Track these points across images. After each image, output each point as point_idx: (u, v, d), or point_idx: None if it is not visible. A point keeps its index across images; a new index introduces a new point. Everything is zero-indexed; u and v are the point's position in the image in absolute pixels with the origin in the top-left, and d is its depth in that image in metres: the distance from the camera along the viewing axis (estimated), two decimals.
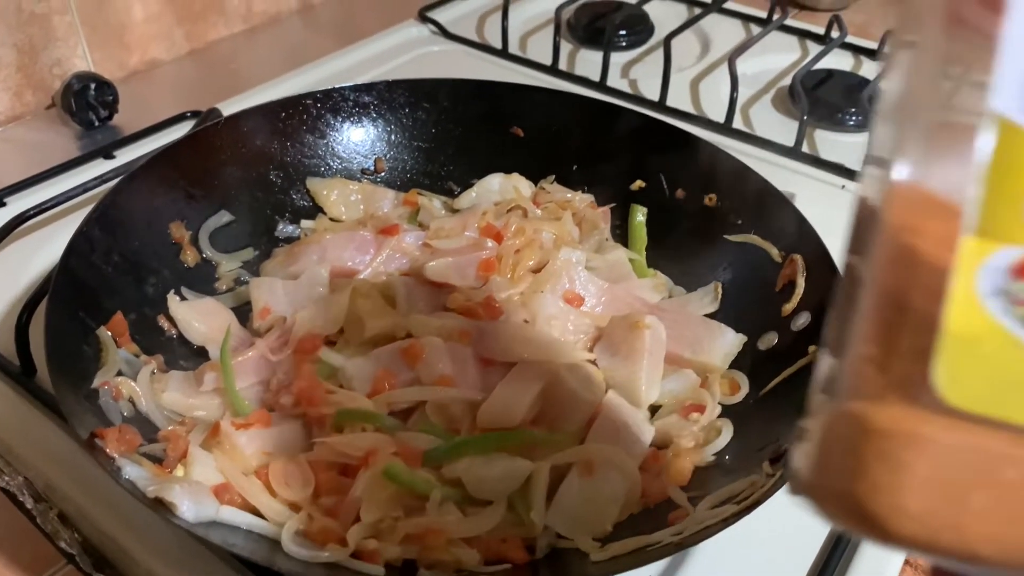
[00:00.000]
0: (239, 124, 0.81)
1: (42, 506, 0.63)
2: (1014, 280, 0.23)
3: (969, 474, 0.23)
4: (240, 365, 0.67)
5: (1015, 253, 0.23)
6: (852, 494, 0.23)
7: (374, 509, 0.58)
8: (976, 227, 0.23)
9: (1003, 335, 0.23)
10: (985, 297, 0.23)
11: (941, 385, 0.23)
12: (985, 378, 0.23)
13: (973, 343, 0.23)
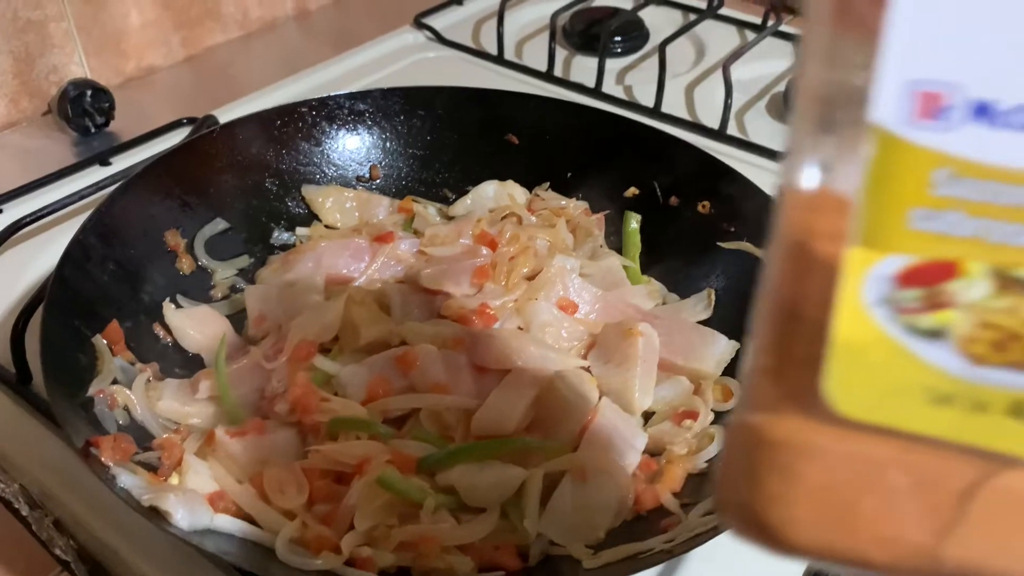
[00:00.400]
0: (234, 132, 0.82)
1: (37, 513, 0.63)
2: (899, 289, 0.23)
3: (860, 482, 0.23)
4: (235, 373, 0.67)
5: (899, 262, 0.23)
6: (749, 506, 0.24)
7: (368, 517, 0.58)
8: (861, 237, 0.23)
9: (889, 343, 0.23)
10: (871, 306, 0.23)
11: (831, 395, 0.23)
12: (873, 386, 0.23)
13: (860, 352, 0.23)
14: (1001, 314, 0.23)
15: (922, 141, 0.23)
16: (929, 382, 0.23)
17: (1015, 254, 0.23)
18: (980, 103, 0.23)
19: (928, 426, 0.23)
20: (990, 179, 0.23)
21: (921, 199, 0.23)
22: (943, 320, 0.23)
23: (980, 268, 0.23)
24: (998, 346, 0.23)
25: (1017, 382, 0.22)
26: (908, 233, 0.23)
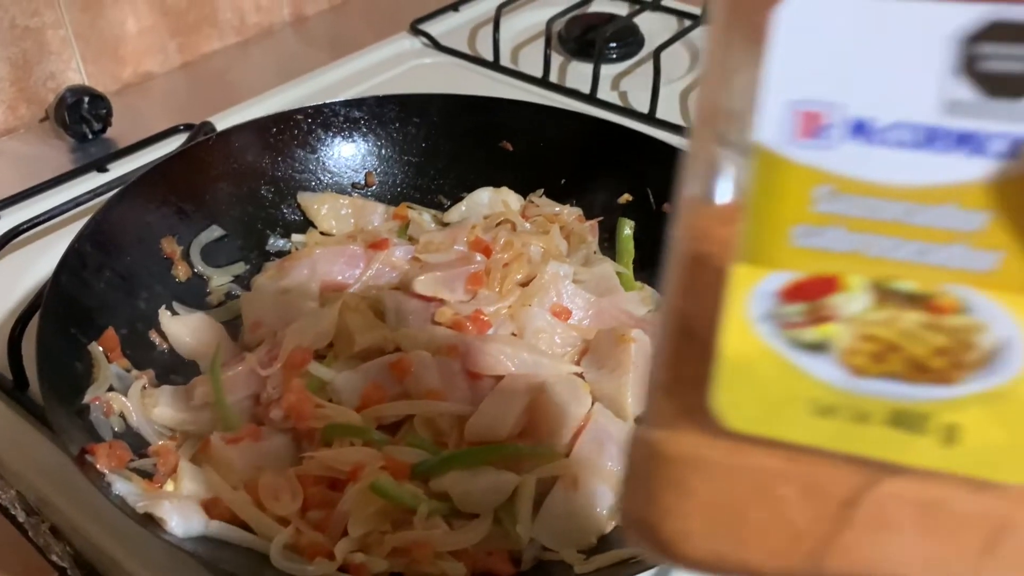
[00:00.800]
0: (230, 140, 0.82)
1: (34, 519, 0.64)
2: (783, 304, 0.24)
3: (749, 493, 0.24)
4: (230, 379, 0.68)
5: (783, 278, 0.24)
6: (646, 520, 0.25)
7: (361, 523, 0.59)
8: (746, 254, 0.24)
9: (774, 357, 0.24)
10: (756, 322, 0.24)
11: (719, 409, 0.24)
12: (759, 400, 0.24)
13: (747, 367, 0.24)
14: (880, 326, 0.24)
15: (803, 159, 0.24)
16: (813, 394, 0.24)
17: (892, 267, 0.24)
18: (858, 121, 0.24)
19: (813, 437, 0.23)
20: (868, 195, 0.24)
21: (803, 216, 0.24)
22: (825, 334, 0.24)
23: (860, 282, 0.24)
24: (877, 357, 0.23)
25: (896, 392, 0.23)
26: (791, 250, 0.24)
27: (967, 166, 0.23)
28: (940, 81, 0.24)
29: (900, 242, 0.24)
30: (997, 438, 0.23)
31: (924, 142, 0.24)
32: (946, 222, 0.23)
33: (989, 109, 0.23)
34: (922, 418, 0.23)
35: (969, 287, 0.23)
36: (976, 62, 0.24)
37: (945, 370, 0.23)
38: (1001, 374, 0.23)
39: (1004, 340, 0.23)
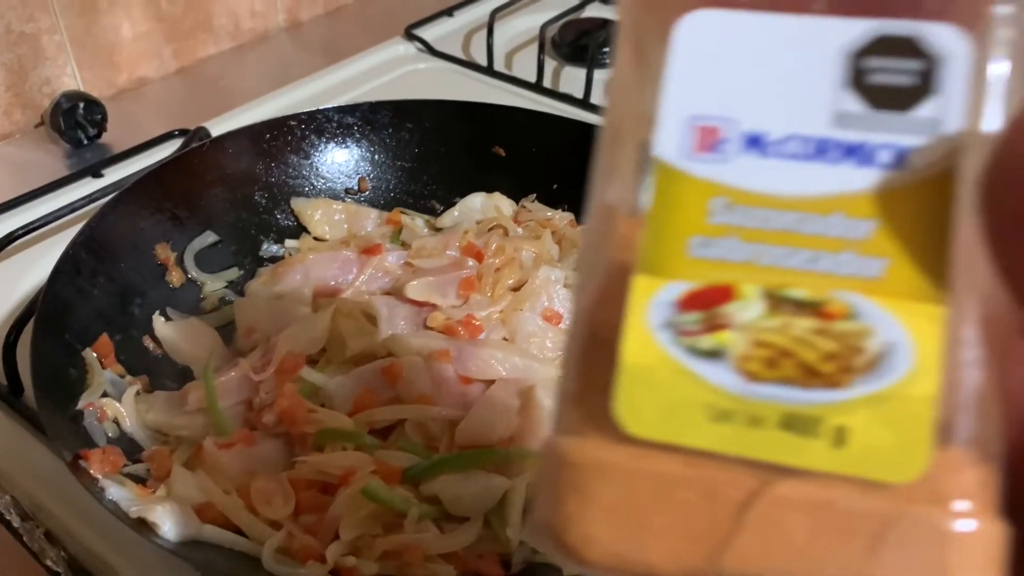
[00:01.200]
0: (224, 146, 0.83)
1: (29, 524, 0.64)
2: (680, 313, 0.25)
3: (649, 498, 0.24)
4: (223, 385, 0.68)
5: (680, 287, 0.25)
6: (552, 526, 0.25)
7: (353, 527, 0.59)
8: (645, 265, 0.25)
9: (672, 364, 0.24)
10: (655, 330, 0.25)
11: (621, 415, 0.25)
12: (658, 406, 0.24)
13: (646, 374, 0.25)
14: (772, 332, 0.24)
15: (700, 173, 0.25)
16: (709, 400, 0.24)
17: (784, 275, 0.24)
18: (752, 135, 0.25)
19: (710, 442, 0.24)
20: (761, 206, 0.25)
21: (699, 227, 0.25)
22: (720, 341, 0.24)
23: (753, 290, 0.24)
24: (770, 363, 0.24)
25: (788, 396, 0.24)
26: (688, 260, 0.25)
27: (855, 176, 0.24)
28: (830, 94, 0.25)
29: (791, 251, 0.24)
30: (883, 439, 0.23)
31: (815, 154, 0.25)
32: (835, 231, 0.24)
33: (876, 121, 0.24)
34: (813, 421, 0.24)
35: (857, 293, 0.24)
36: (863, 75, 0.24)
37: (835, 374, 0.24)
38: (887, 377, 0.24)
39: (890, 344, 0.24)
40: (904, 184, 0.24)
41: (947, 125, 0.24)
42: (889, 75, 0.24)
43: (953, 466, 0.23)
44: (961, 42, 0.24)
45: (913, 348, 0.24)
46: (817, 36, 0.25)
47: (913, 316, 0.24)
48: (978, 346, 0.24)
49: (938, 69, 0.24)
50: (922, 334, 0.24)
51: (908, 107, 0.24)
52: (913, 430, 0.23)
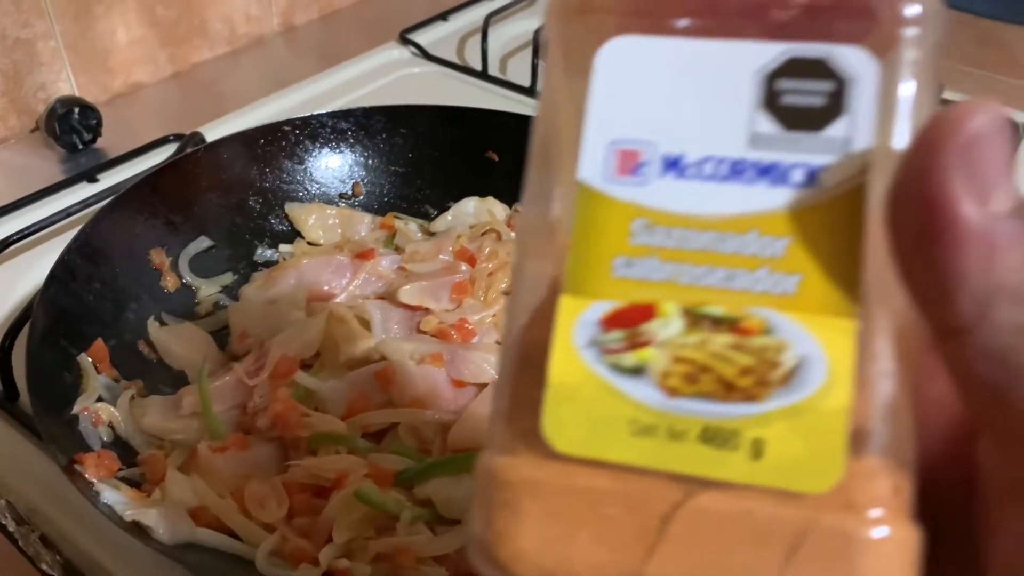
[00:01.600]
0: (219, 151, 0.83)
1: (24, 529, 0.65)
2: (604, 332, 0.25)
3: (576, 513, 0.25)
4: (217, 389, 0.69)
5: (604, 307, 0.26)
6: (484, 542, 0.26)
7: (346, 529, 0.60)
8: (571, 286, 0.26)
9: (597, 382, 0.25)
10: (580, 349, 0.25)
11: (548, 433, 0.25)
12: (584, 423, 0.25)
13: (572, 392, 0.25)
14: (692, 349, 0.25)
15: (621, 195, 0.26)
16: (633, 415, 0.25)
17: (702, 293, 0.25)
18: (670, 158, 0.26)
19: (634, 456, 0.25)
20: (679, 226, 0.26)
21: (622, 248, 0.26)
22: (642, 358, 0.25)
23: (673, 308, 0.25)
24: (690, 378, 0.25)
25: (707, 410, 0.25)
26: (611, 280, 0.26)
27: (770, 196, 0.25)
28: (746, 116, 0.26)
29: (709, 269, 0.25)
30: (798, 450, 0.24)
31: (731, 175, 0.25)
32: (751, 249, 0.25)
33: (789, 141, 0.25)
34: (732, 434, 0.24)
35: (773, 309, 0.25)
36: (776, 97, 0.25)
37: (752, 388, 0.25)
38: (802, 390, 0.24)
39: (805, 358, 0.24)
40: (816, 202, 0.25)
41: (856, 144, 0.25)
42: (801, 96, 0.25)
43: (867, 475, 0.24)
44: (869, 64, 0.25)
45: (826, 361, 0.24)
46: (733, 60, 0.26)
47: (826, 330, 0.24)
48: (891, 358, 0.25)
49: (847, 90, 0.25)
50: (835, 348, 0.24)
51: (819, 127, 0.25)
52: (827, 441, 0.24)
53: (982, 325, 0.22)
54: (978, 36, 1.34)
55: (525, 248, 0.28)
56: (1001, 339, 0.22)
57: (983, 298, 0.22)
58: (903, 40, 0.25)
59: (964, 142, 0.22)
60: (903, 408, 0.25)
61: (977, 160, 0.22)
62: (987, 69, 1.25)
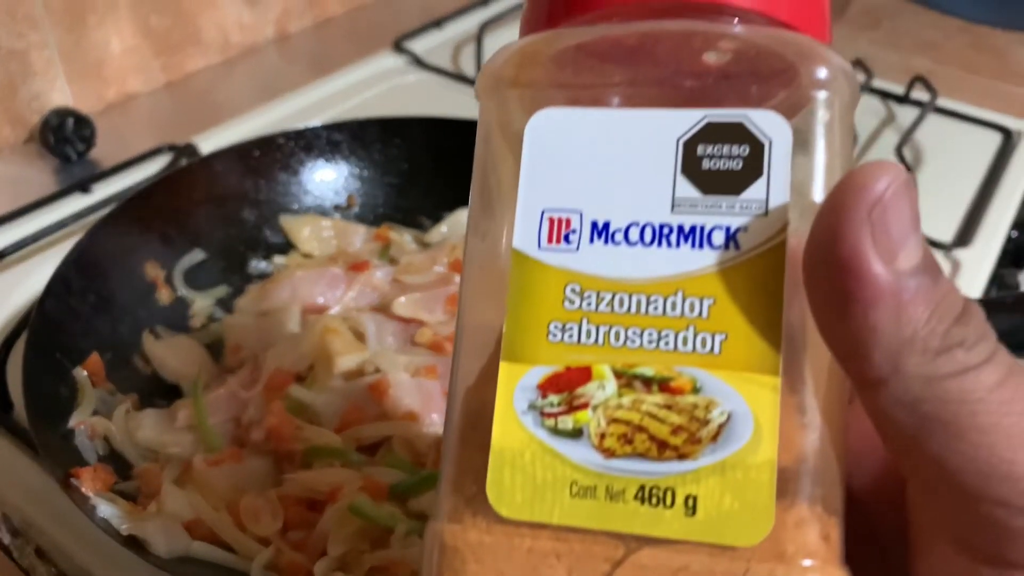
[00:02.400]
0: (213, 165, 0.84)
1: (19, 541, 0.65)
2: (542, 396, 0.27)
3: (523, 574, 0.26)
4: (212, 402, 0.69)
5: (542, 371, 0.27)
6: None
7: (340, 543, 0.60)
8: (509, 352, 0.27)
9: (538, 446, 0.26)
10: (521, 413, 0.27)
11: (493, 498, 0.26)
12: (527, 487, 0.26)
13: (515, 457, 0.26)
14: (625, 410, 0.26)
15: (553, 262, 0.27)
16: (573, 477, 0.26)
17: (634, 355, 0.26)
18: (598, 224, 0.27)
19: (575, 518, 0.26)
20: (609, 290, 0.27)
21: (556, 313, 0.27)
22: (580, 420, 0.26)
23: (607, 370, 0.26)
24: (625, 439, 0.26)
25: (642, 469, 0.26)
26: (548, 345, 0.27)
27: (694, 258, 0.26)
28: (668, 182, 0.27)
29: (638, 331, 0.26)
30: (729, 505, 0.25)
31: (656, 239, 0.27)
32: (677, 310, 0.26)
33: (709, 205, 0.26)
34: (667, 492, 0.25)
35: (700, 368, 0.26)
36: (696, 162, 0.27)
37: (684, 446, 0.26)
38: (731, 446, 0.25)
39: (733, 415, 0.25)
40: (737, 262, 0.26)
41: (772, 205, 0.26)
42: (719, 161, 0.26)
43: (796, 524, 0.25)
44: (782, 127, 0.26)
45: (752, 417, 0.25)
46: (654, 128, 0.27)
47: (750, 387, 0.25)
48: (815, 409, 0.26)
49: (762, 153, 0.26)
50: (760, 403, 0.25)
51: (737, 190, 0.26)
52: (755, 494, 0.25)
53: (895, 377, 0.24)
54: (972, 42, 1.35)
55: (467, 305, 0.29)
56: (913, 390, 0.24)
57: (895, 351, 0.24)
58: (814, 102, 0.26)
59: (870, 204, 0.23)
60: (829, 457, 0.26)
61: (883, 221, 0.23)
62: (981, 75, 1.26)
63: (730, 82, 0.27)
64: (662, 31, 0.28)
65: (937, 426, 0.24)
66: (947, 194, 0.97)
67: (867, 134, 1.07)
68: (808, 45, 0.27)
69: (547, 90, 0.29)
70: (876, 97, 1.13)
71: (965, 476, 0.24)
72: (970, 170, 1.01)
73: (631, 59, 0.28)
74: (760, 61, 0.27)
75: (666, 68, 0.28)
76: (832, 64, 0.27)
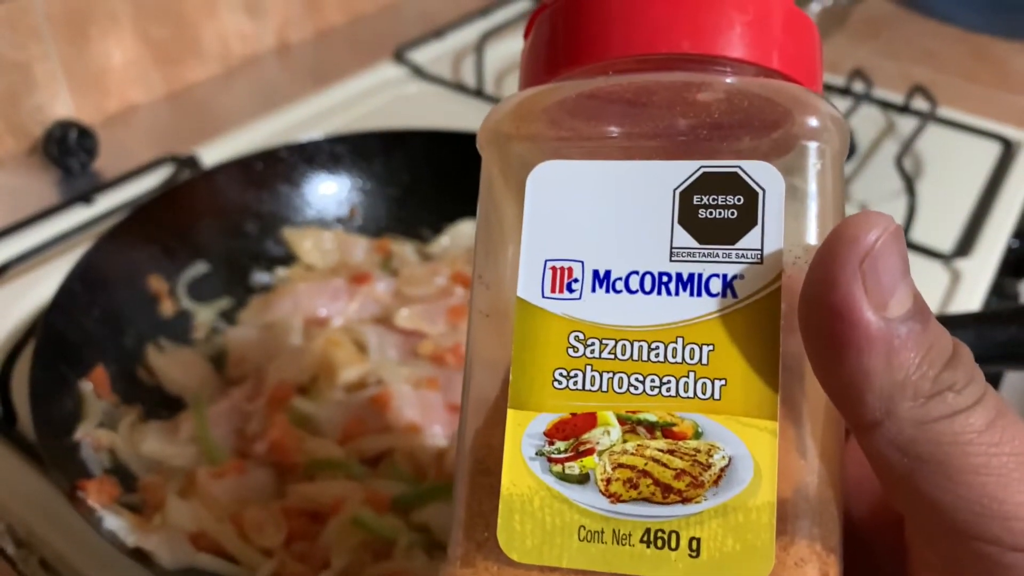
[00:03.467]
0: (215, 178, 0.84)
1: (23, 552, 0.65)
2: (548, 443, 0.27)
3: None
4: (215, 414, 0.69)
5: (548, 419, 0.28)
6: None
7: (343, 554, 0.61)
8: (516, 400, 0.28)
9: (547, 491, 0.27)
10: (529, 460, 0.27)
11: (503, 543, 0.27)
12: (536, 532, 0.27)
13: (523, 502, 0.27)
14: (630, 455, 0.27)
15: (557, 310, 0.28)
16: (581, 522, 0.27)
17: (637, 401, 0.27)
18: (599, 274, 0.28)
19: (584, 561, 0.27)
20: (612, 338, 0.28)
21: (561, 361, 0.28)
22: (587, 466, 0.27)
23: (611, 416, 0.27)
24: (630, 483, 0.27)
25: (647, 513, 0.27)
26: (553, 392, 0.28)
27: (692, 306, 0.27)
28: (666, 231, 0.28)
29: (640, 378, 0.27)
30: (731, 547, 0.26)
31: (655, 287, 0.28)
32: (676, 357, 0.27)
33: (706, 253, 0.27)
34: (672, 534, 0.26)
35: (701, 414, 0.27)
36: (692, 212, 0.28)
37: (687, 490, 0.26)
38: (732, 490, 0.26)
39: (733, 458, 0.26)
40: (734, 309, 0.27)
41: (767, 253, 0.27)
42: (715, 210, 0.27)
43: (796, 563, 0.26)
44: (775, 177, 0.27)
45: (752, 461, 0.26)
46: (652, 178, 0.28)
47: (750, 431, 0.26)
48: (813, 451, 0.27)
49: (756, 203, 0.27)
50: (759, 447, 0.26)
51: (732, 240, 0.27)
52: (756, 536, 0.26)
53: (888, 420, 0.25)
54: (972, 51, 1.35)
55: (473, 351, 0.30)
56: (906, 432, 0.25)
57: (887, 395, 0.25)
58: (806, 152, 0.27)
59: (861, 255, 0.24)
60: (827, 496, 0.27)
61: (874, 271, 0.24)
62: (981, 84, 1.26)
63: (723, 132, 0.28)
64: (657, 83, 0.29)
65: (930, 467, 0.25)
66: (947, 204, 0.97)
67: (867, 144, 1.07)
68: (801, 95, 0.28)
69: (546, 142, 0.29)
70: (876, 107, 1.14)
71: (957, 514, 0.25)
72: (970, 180, 1.02)
73: (628, 111, 0.29)
74: (753, 111, 0.28)
75: (662, 119, 0.29)
76: (823, 113, 0.28)
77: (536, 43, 0.32)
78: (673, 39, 0.29)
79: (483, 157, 0.31)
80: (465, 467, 0.29)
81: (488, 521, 0.27)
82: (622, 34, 0.29)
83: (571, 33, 0.31)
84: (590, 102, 0.30)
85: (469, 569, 0.27)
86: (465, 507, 0.28)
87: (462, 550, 0.28)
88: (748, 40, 0.29)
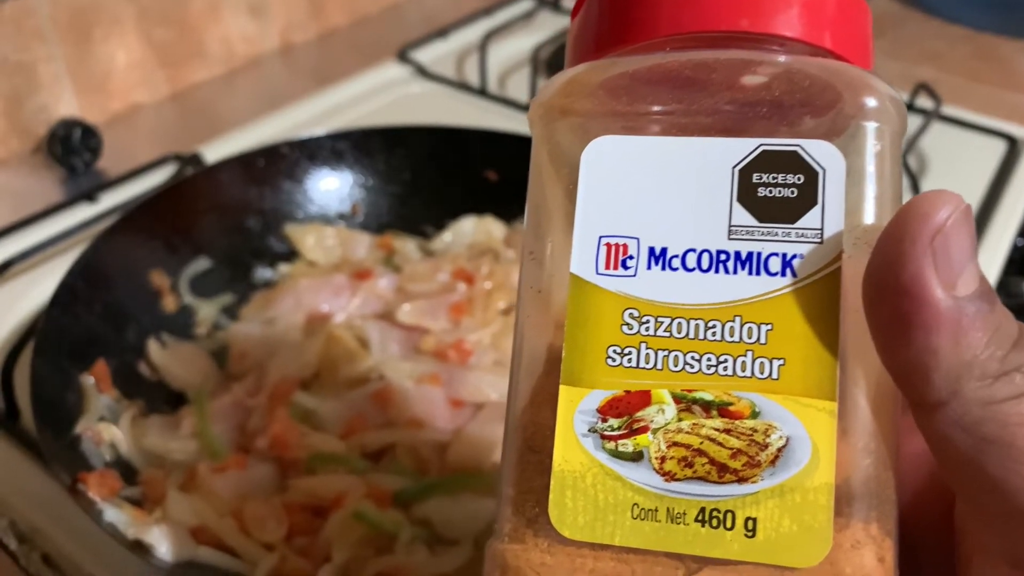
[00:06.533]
0: (218, 174, 0.84)
1: (25, 547, 0.65)
2: (603, 420, 0.27)
3: None
4: (216, 409, 0.69)
5: (602, 395, 0.27)
6: None
7: (345, 549, 0.60)
8: (568, 376, 0.28)
9: (599, 468, 0.27)
10: (581, 437, 0.27)
11: (555, 519, 0.27)
12: (588, 509, 0.27)
13: (576, 479, 0.27)
14: (685, 433, 0.27)
15: (611, 287, 0.28)
16: (634, 500, 0.27)
17: (692, 379, 0.27)
18: (655, 251, 0.28)
19: (637, 539, 0.26)
20: (667, 316, 0.27)
21: (615, 338, 0.28)
22: (641, 443, 0.27)
23: (666, 395, 0.27)
24: (685, 462, 0.27)
25: (703, 492, 0.26)
26: (606, 369, 0.27)
27: (750, 284, 0.27)
28: (724, 209, 0.27)
29: (696, 356, 0.27)
30: (788, 527, 0.25)
31: (713, 265, 0.27)
32: (734, 336, 0.27)
33: (765, 232, 0.27)
34: (727, 514, 0.26)
35: (758, 393, 0.27)
36: (752, 190, 0.27)
37: (743, 469, 0.26)
38: (789, 470, 0.26)
39: (791, 439, 0.26)
40: (793, 289, 0.27)
41: (827, 233, 0.27)
42: (774, 189, 0.27)
43: (853, 546, 0.25)
44: (835, 156, 0.27)
45: (810, 441, 0.26)
46: (710, 156, 0.28)
47: (808, 411, 0.26)
48: (870, 432, 0.26)
49: (817, 182, 0.27)
50: (817, 428, 0.26)
51: (792, 219, 0.27)
52: (814, 517, 0.25)
53: (955, 400, 0.25)
54: (976, 50, 1.35)
55: (523, 328, 0.29)
56: (972, 413, 0.25)
57: (955, 375, 0.24)
58: (866, 133, 0.27)
59: (933, 232, 0.24)
60: (884, 479, 0.26)
61: (944, 249, 0.24)
62: (986, 83, 1.26)
63: (782, 111, 0.28)
64: (717, 60, 0.29)
65: (996, 448, 0.24)
66: None
67: None
68: (859, 75, 0.28)
69: (600, 118, 0.29)
70: None
71: (1021, 495, 0.25)
72: (975, 178, 1.02)
73: (683, 87, 0.29)
74: (812, 90, 0.28)
75: (720, 97, 0.28)
76: (882, 94, 0.28)
77: (587, 19, 0.32)
78: (733, 17, 0.29)
79: (533, 134, 0.30)
80: (514, 444, 0.28)
81: (539, 497, 0.27)
82: (679, 11, 0.29)
83: (626, 9, 0.30)
84: (647, 78, 0.30)
85: (519, 544, 0.27)
86: (514, 484, 0.28)
87: (511, 526, 0.28)
88: (806, 20, 0.29)
